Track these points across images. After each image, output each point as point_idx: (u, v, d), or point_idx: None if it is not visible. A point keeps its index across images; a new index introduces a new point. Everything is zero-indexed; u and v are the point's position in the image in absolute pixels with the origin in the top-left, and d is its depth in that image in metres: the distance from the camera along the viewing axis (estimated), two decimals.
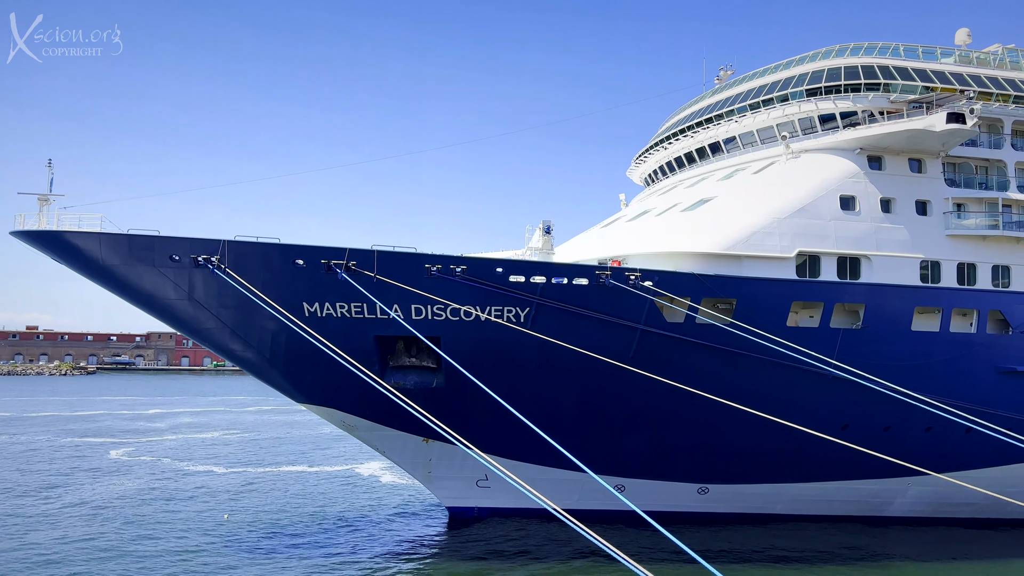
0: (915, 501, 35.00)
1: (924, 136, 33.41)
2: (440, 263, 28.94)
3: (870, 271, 33.03)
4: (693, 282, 30.79)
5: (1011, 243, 35.13)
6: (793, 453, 31.71)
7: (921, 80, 35.38)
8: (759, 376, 30.64)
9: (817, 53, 38.32)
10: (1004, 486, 30.21)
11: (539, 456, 29.26)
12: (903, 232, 33.92)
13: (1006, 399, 33.25)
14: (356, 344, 29.09)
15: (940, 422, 29.30)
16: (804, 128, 36.88)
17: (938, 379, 32.28)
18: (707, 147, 41.47)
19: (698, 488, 34.11)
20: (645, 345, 30.38)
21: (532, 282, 29.74)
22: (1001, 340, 34.16)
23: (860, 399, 30.44)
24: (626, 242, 35.83)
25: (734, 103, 39.92)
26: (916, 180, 35.13)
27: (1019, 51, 39.80)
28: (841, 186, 33.97)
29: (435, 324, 29.45)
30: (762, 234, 32.15)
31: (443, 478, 33.59)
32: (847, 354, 30.92)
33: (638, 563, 16.50)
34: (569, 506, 25.78)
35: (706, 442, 32.12)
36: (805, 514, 35.00)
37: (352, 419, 32.43)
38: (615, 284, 29.58)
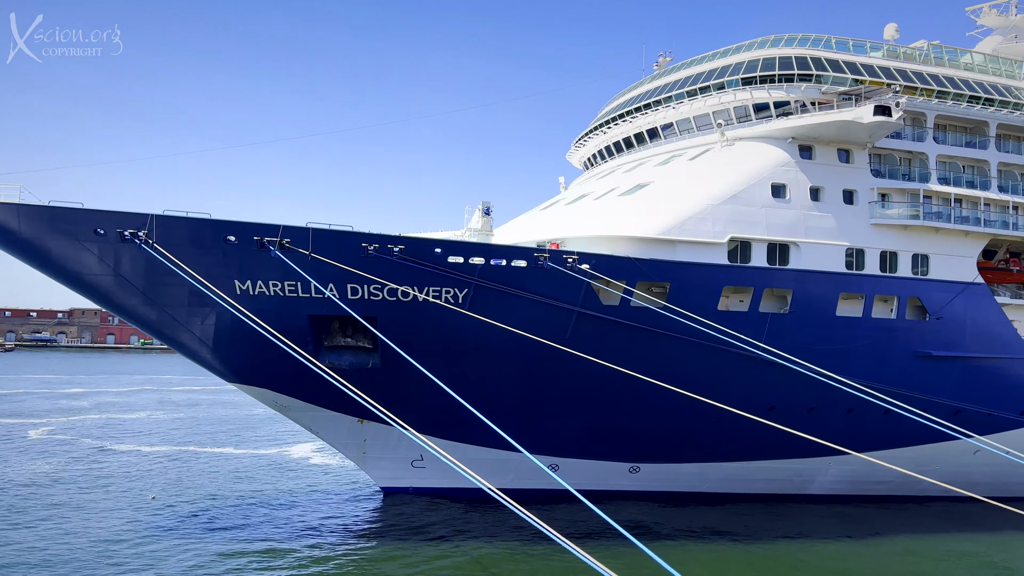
0: (836, 479, 36.46)
1: (852, 127, 34.49)
2: (377, 242, 28.62)
3: (798, 257, 34.03)
4: (629, 266, 31.23)
5: (930, 233, 36.66)
6: (722, 433, 32.60)
7: (851, 73, 36.45)
8: (691, 358, 31.35)
9: (753, 43, 39.07)
10: (918, 465, 31.73)
11: (475, 436, 29.38)
12: (830, 220, 35.03)
13: (922, 382, 34.81)
14: (290, 323, 28.59)
15: (861, 404, 30.51)
16: (739, 116, 37.65)
17: (860, 363, 33.59)
18: (645, 132, 41.98)
19: (630, 467, 34.81)
20: (581, 327, 30.72)
21: (471, 263, 29.69)
22: (919, 326, 35.71)
23: (786, 381, 31.43)
24: (564, 225, 36.06)
25: (672, 90, 40.46)
26: (844, 170, 36.29)
27: (943, 47, 41.36)
28: (773, 174, 34.85)
29: (372, 304, 29.17)
30: (696, 220, 32.77)
31: (378, 458, 33.44)
32: (775, 338, 31.88)
33: (571, 541, 16.79)
34: (504, 485, 25.98)
35: (638, 422, 32.75)
36: (732, 492, 36.12)
37: (285, 399, 31.95)
38: (553, 266, 29.78)
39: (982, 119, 39.68)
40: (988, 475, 35.45)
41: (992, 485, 33.83)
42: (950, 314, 35.98)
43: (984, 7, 48.61)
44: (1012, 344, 37.23)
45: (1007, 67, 42.46)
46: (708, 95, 38.47)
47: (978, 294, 36.86)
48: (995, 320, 37.14)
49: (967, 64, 41.54)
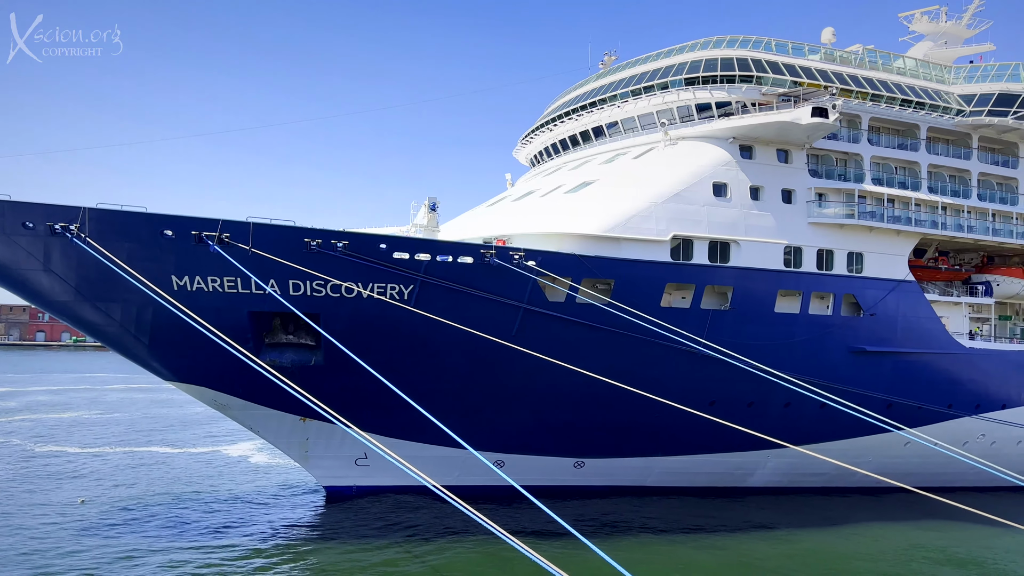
0: (774, 472, 37.36)
1: (791, 128, 35.32)
2: (320, 237, 28.17)
3: (739, 255, 34.73)
4: (574, 263, 31.42)
5: (865, 231, 37.81)
6: (664, 428, 33.09)
7: (790, 75, 37.33)
8: (634, 354, 31.72)
9: (696, 43, 39.69)
10: (852, 457, 32.71)
11: (420, 434, 29.19)
12: (769, 219, 35.84)
13: (857, 377, 35.91)
14: (229, 320, 27.94)
15: (798, 398, 31.30)
16: (682, 116, 38.22)
17: (797, 358, 34.46)
18: (590, 131, 42.31)
19: (575, 462, 35.06)
20: (528, 323, 30.79)
21: (417, 259, 29.47)
22: (853, 322, 36.82)
23: (727, 377, 32.04)
24: (511, 222, 36.11)
25: (617, 89, 40.84)
26: (783, 170, 37.14)
27: (877, 52, 42.67)
28: (714, 173, 35.47)
29: (314, 300, 28.70)
30: (640, 218, 33.16)
31: (320, 457, 32.96)
32: (716, 334, 32.48)
33: (515, 537, 16.80)
34: (449, 483, 25.90)
35: (583, 418, 33.00)
36: (674, 486, 36.70)
37: (224, 398, 31.24)
38: (499, 263, 29.76)
39: (913, 122, 41.08)
40: (918, 466, 36.81)
41: (922, 475, 35.17)
42: (883, 311, 37.18)
43: (916, 14, 50.31)
44: (940, 339, 38.67)
45: (937, 72, 44.04)
46: (652, 94, 38.95)
47: (909, 291, 38.18)
48: (925, 316, 38.52)
49: (900, 69, 42.95)
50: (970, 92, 42.70)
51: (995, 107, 41.75)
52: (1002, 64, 43.80)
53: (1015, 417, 40.07)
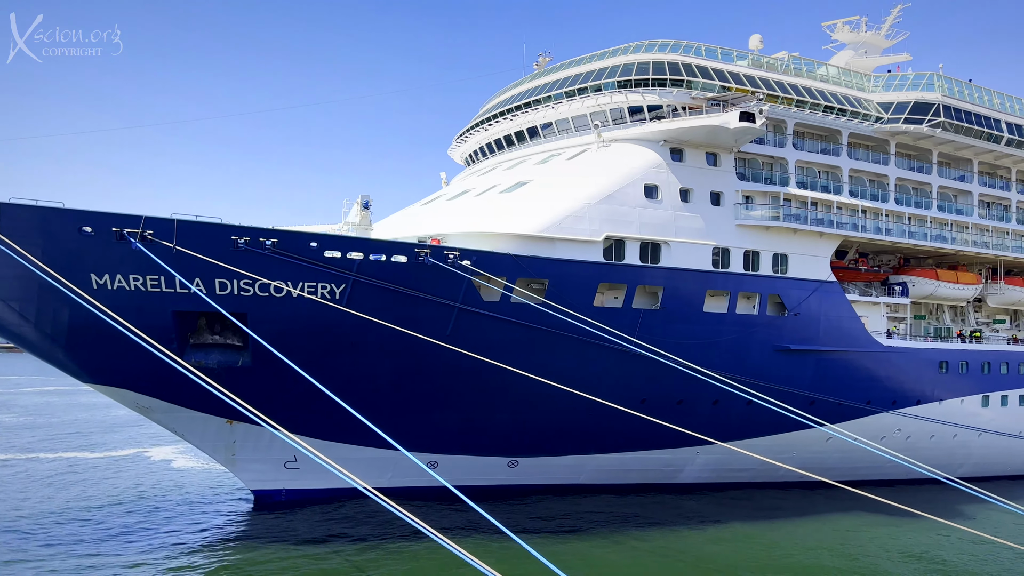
0: (702, 468, 38.17)
1: (720, 132, 36.13)
2: (248, 235, 27.48)
3: (669, 256, 35.35)
4: (509, 262, 31.47)
5: (789, 233, 38.97)
6: (597, 426, 33.44)
7: (719, 80, 38.18)
8: (568, 353, 31.96)
9: (629, 46, 40.24)
10: (777, 452, 33.75)
11: (352, 435, 28.80)
12: (699, 220, 36.59)
13: (781, 374, 36.99)
14: (152, 320, 27.00)
15: (725, 396, 32.06)
16: (615, 118, 38.71)
17: (725, 356, 35.28)
18: (525, 131, 42.48)
19: (508, 461, 35.12)
20: (462, 323, 30.68)
21: (349, 258, 29.05)
22: (778, 321, 37.91)
23: (657, 375, 32.60)
24: (446, 221, 35.94)
25: (551, 90, 41.10)
26: (712, 173, 37.98)
27: (802, 59, 44.04)
28: (646, 175, 36.03)
29: (241, 300, 27.98)
30: (574, 218, 33.43)
31: (248, 461, 32.16)
32: (647, 333, 33.00)
33: (449, 538, 16.70)
34: (382, 484, 25.65)
35: (517, 417, 33.09)
36: (607, 483, 37.12)
37: (147, 400, 30.17)
38: (434, 262, 29.58)
39: (835, 128, 42.54)
40: (839, 460, 38.14)
41: (843, 470, 36.48)
42: (806, 310, 38.39)
43: (838, 23, 52.13)
44: (860, 338, 40.16)
45: (858, 80, 45.72)
46: (586, 96, 39.34)
47: (831, 291, 39.53)
48: (846, 316, 39.95)
49: (823, 76, 44.43)
50: (888, 100, 44.47)
51: (911, 115, 43.58)
52: (918, 74, 45.78)
53: (928, 412, 41.91)
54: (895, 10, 51.94)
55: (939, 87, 44.81)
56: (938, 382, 42.71)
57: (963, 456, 44.08)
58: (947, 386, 43.02)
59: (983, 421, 44.28)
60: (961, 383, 43.77)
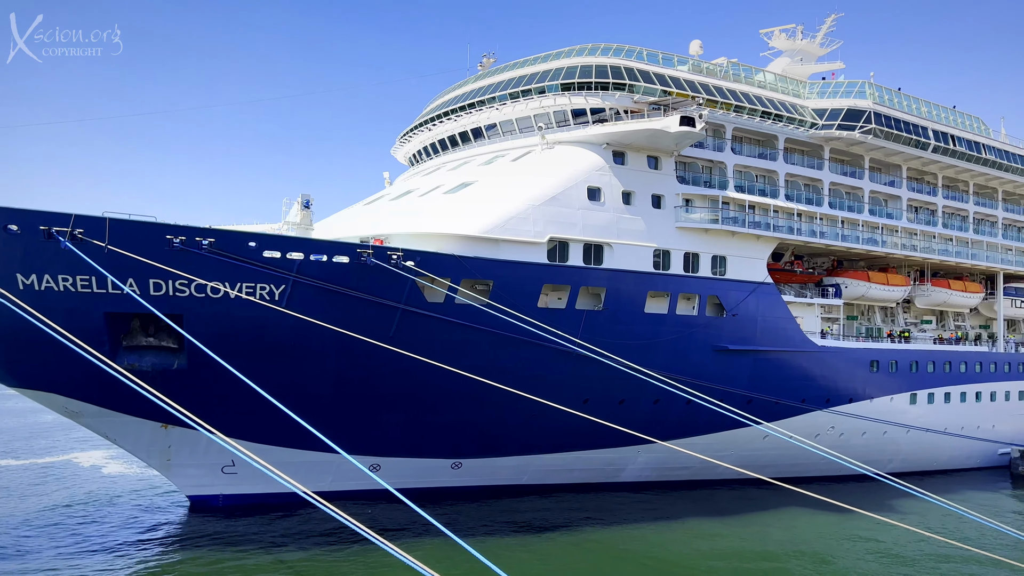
0: (643, 467, 38.67)
1: (661, 136, 36.67)
2: (184, 234, 26.79)
3: (611, 257, 35.73)
4: (454, 263, 31.36)
5: (727, 236, 39.78)
6: (540, 426, 33.58)
7: (660, 84, 38.75)
8: (512, 354, 32.01)
9: (572, 49, 40.54)
10: (716, 451, 34.36)
11: (291, 439, 28.27)
12: (640, 223, 37.08)
13: (719, 374, 37.71)
14: (82, 322, 26.06)
15: (666, 395, 32.53)
16: (558, 120, 38.96)
17: (665, 356, 35.81)
18: (470, 132, 42.44)
19: (452, 463, 35.00)
20: (406, 324, 30.45)
21: (289, 258, 28.56)
22: (717, 322, 38.66)
23: (600, 375, 32.87)
24: (389, 221, 35.64)
25: (496, 91, 41.14)
26: (653, 176, 38.53)
27: (740, 66, 45.03)
28: (589, 178, 36.34)
29: (177, 301, 27.25)
30: (518, 219, 33.51)
31: (184, 466, 31.33)
32: (590, 333, 33.27)
33: (391, 541, 16.54)
34: (323, 488, 25.24)
35: (461, 418, 32.99)
36: (550, 483, 37.29)
37: (77, 405, 29.14)
38: (376, 263, 29.29)
39: (772, 133, 43.61)
40: (776, 458, 39.06)
41: (779, 467, 37.37)
42: (744, 311, 39.25)
43: (775, 31, 53.51)
44: (795, 338, 41.24)
45: (793, 87, 46.98)
46: (530, 98, 39.49)
47: (767, 293, 40.50)
48: (782, 316, 40.98)
49: (760, 82, 45.50)
50: (823, 107, 45.79)
51: (844, 121, 44.95)
52: (851, 82, 47.28)
53: (860, 410, 43.26)
54: (829, 19, 53.65)
55: (870, 95, 46.35)
56: (869, 381, 44.15)
57: (892, 452, 45.66)
58: (878, 385, 44.51)
59: (911, 418, 45.96)
60: (891, 382, 45.34)
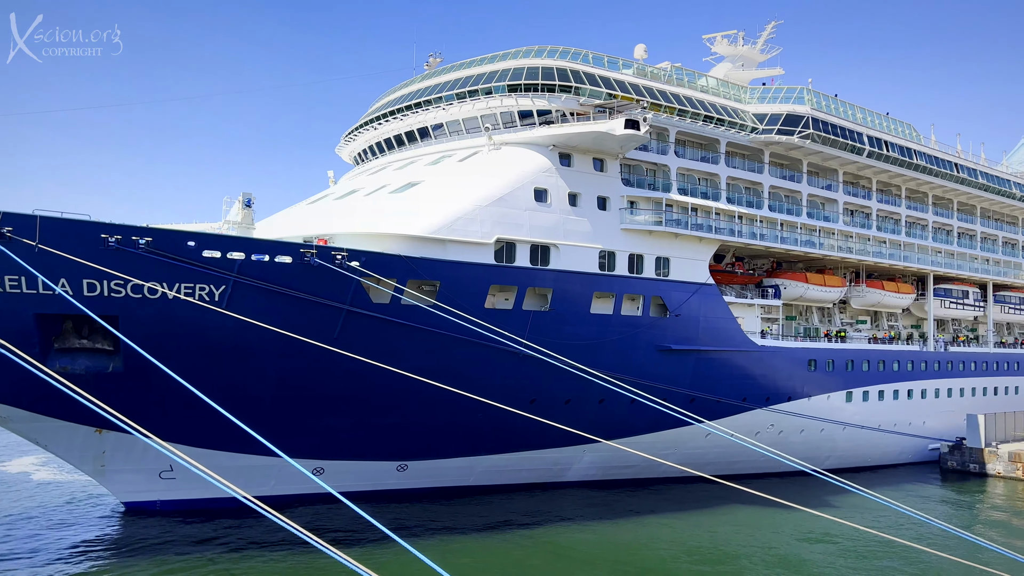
0: (589, 466, 38.99)
1: (606, 138, 37.02)
2: (120, 233, 26.00)
3: (558, 258, 35.94)
4: (400, 264, 31.12)
5: (671, 238, 40.39)
6: (487, 427, 33.57)
7: (606, 87, 39.13)
8: (459, 355, 31.92)
9: (519, 51, 40.63)
10: (659, 449, 34.84)
11: (232, 443, 27.73)
12: (586, 224, 37.38)
13: (663, 373, 38.27)
14: (11, 323, 25.14)
15: (611, 395, 32.83)
16: (505, 122, 39.02)
17: (611, 356, 36.17)
18: (416, 131, 42.19)
19: (397, 466, 34.73)
20: (350, 326, 30.10)
21: (229, 258, 27.96)
22: (660, 322, 39.21)
23: (546, 375, 33.01)
24: (333, 221, 35.20)
25: (442, 91, 40.97)
26: (598, 178, 38.87)
27: (684, 70, 45.76)
28: (536, 179, 36.48)
29: (112, 302, 26.43)
30: (465, 220, 33.44)
31: (119, 471, 30.39)
32: (536, 334, 33.39)
33: (334, 546, 16.29)
34: (264, 493, 24.77)
35: (407, 420, 32.76)
36: (497, 484, 37.31)
37: (5, 409, 28.01)
38: (320, 263, 28.88)
39: (714, 137, 44.43)
40: (718, 455, 39.80)
41: (721, 464, 38.09)
42: (687, 311, 39.90)
43: (717, 36, 54.50)
44: (736, 338, 42.11)
45: (735, 92, 47.94)
46: (477, 99, 39.44)
47: (709, 294, 41.25)
48: (723, 316, 41.79)
49: (703, 87, 46.32)
50: (763, 111, 46.84)
51: (783, 127, 46.08)
52: (789, 87, 48.47)
53: (798, 408, 44.42)
54: (769, 26, 54.85)
55: (808, 101, 47.59)
56: (807, 379, 45.35)
57: (829, 449, 46.97)
58: (815, 383, 45.75)
59: (847, 416, 47.38)
60: (828, 380, 46.65)
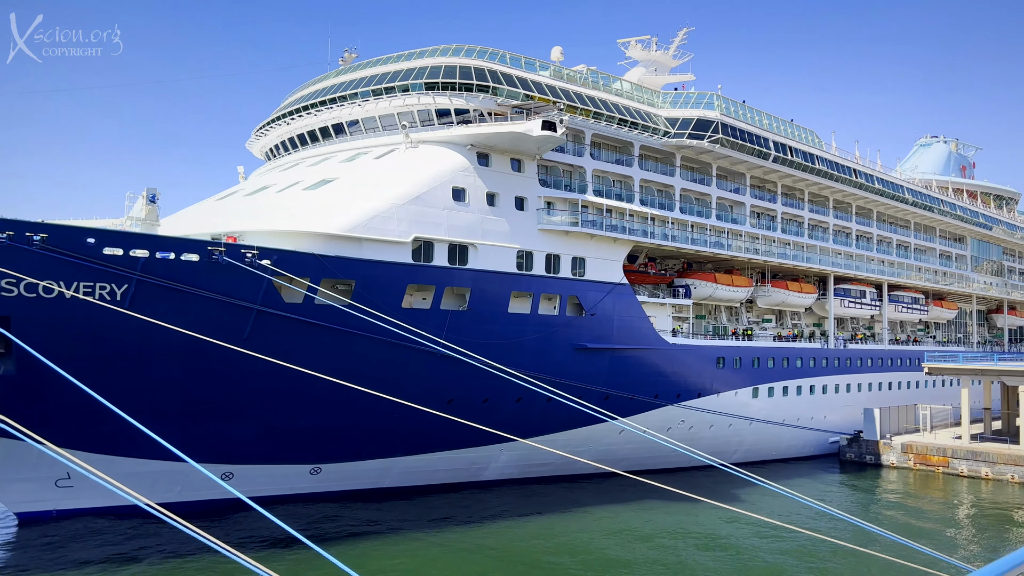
0: (506, 465, 39.18)
1: (524, 139, 37.28)
2: (12, 229, 24.60)
3: (476, 258, 35.96)
4: (313, 262, 30.51)
5: (586, 238, 41.01)
6: (404, 428, 33.27)
7: (523, 88, 39.40)
8: (375, 356, 31.54)
9: (436, 49, 40.45)
10: (575, 447, 35.31)
11: (136, 448, 26.50)
12: (504, 224, 37.55)
13: (579, 372, 38.81)
14: None
15: (528, 393, 33.09)
16: (423, 120, 38.77)
17: (528, 356, 36.46)
18: (331, 127, 41.44)
19: (311, 469, 34.03)
20: (261, 326, 29.33)
21: (132, 256, 26.83)
22: (576, 321, 39.76)
23: (464, 375, 32.98)
24: (244, 218, 34.23)
25: (358, 87, 40.41)
26: (516, 178, 39.11)
27: (599, 73, 46.53)
28: (453, 178, 36.41)
29: (3, 301, 24.98)
30: (381, 218, 33.07)
31: (12, 480, 28.70)
32: (454, 334, 33.33)
33: (244, 553, 15.85)
34: (171, 499, 23.98)
35: (321, 423, 32.15)
36: (414, 485, 37.04)
37: None
38: (230, 261, 28.03)
39: (628, 140, 45.35)
40: (631, 451, 40.65)
41: (634, 460, 38.89)
42: (602, 311, 40.60)
43: (632, 41, 55.67)
44: (649, 337, 43.11)
45: (648, 96, 49.05)
46: (393, 96, 39.07)
47: (623, 293, 42.10)
48: (636, 316, 42.71)
49: (617, 90, 47.21)
50: (675, 116, 48.10)
51: (694, 131, 47.43)
52: (700, 93, 49.92)
53: (708, 404, 45.85)
54: (681, 32, 56.42)
55: (718, 106, 49.13)
56: (716, 376, 46.84)
57: (737, 443, 48.66)
58: (723, 380, 47.30)
59: (753, 411, 49.18)
60: (735, 377, 48.30)
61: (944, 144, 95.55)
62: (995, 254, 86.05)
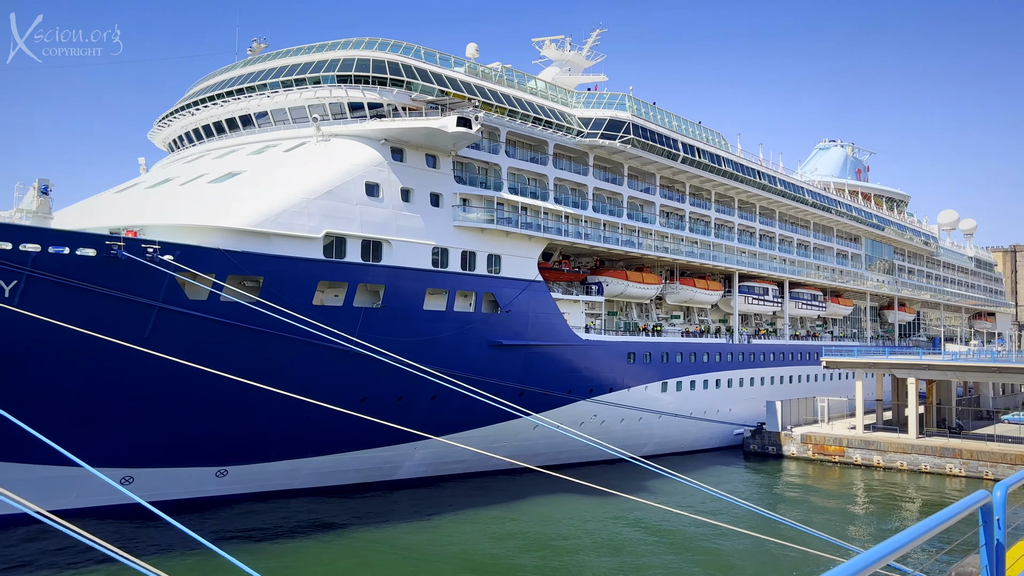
0: (420, 463, 38.93)
1: (439, 135, 37.09)
2: None
3: (390, 254, 35.56)
4: (219, 258, 29.53)
5: (502, 236, 41.16)
6: (314, 429, 32.61)
7: (438, 84, 39.16)
8: (284, 354, 30.78)
9: (349, 41, 39.77)
10: (490, 443, 35.42)
11: (23, 453, 25.12)
12: (419, 220, 37.27)
13: (494, 368, 38.92)
14: None
15: (443, 391, 32.92)
16: (335, 113, 38.05)
17: (444, 353, 36.31)
18: (238, 119, 40.21)
19: (217, 471, 32.95)
20: (163, 324, 28.21)
21: (22, 250, 25.35)
22: (492, 318, 39.87)
23: (378, 373, 32.58)
24: (145, 211, 32.84)
25: (267, 77, 39.35)
26: (431, 174, 38.88)
27: (514, 71, 46.74)
28: (367, 173, 35.88)
29: None
30: (291, 213, 32.29)
31: None
32: (368, 331, 32.85)
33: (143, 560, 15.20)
34: (65, 506, 22.87)
35: (226, 424, 31.17)
36: (324, 486, 36.35)
37: None
38: (129, 256, 26.81)
39: (543, 139, 45.75)
40: (545, 446, 41.08)
41: (548, 455, 39.35)
42: (517, 307, 40.85)
43: (546, 40, 56.18)
44: (563, 333, 43.65)
45: (562, 96, 49.60)
46: (304, 88, 38.20)
47: (538, 290, 42.49)
48: (551, 312, 43.18)
49: (532, 89, 47.55)
50: (588, 116, 48.80)
51: (606, 131, 48.25)
52: (612, 94, 50.80)
53: (619, 399, 46.77)
54: (594, 33, 57.29)
55: (630, 107, 50.11)
56: (627, 371, 47.83)
57: (647, 436, 49.83)
58: (634, 375, 48.36)
59: (662, 405, 50.48)
60: (645, 372, 49.46)
61: (841, 148, 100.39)
62: (887, 253, 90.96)
